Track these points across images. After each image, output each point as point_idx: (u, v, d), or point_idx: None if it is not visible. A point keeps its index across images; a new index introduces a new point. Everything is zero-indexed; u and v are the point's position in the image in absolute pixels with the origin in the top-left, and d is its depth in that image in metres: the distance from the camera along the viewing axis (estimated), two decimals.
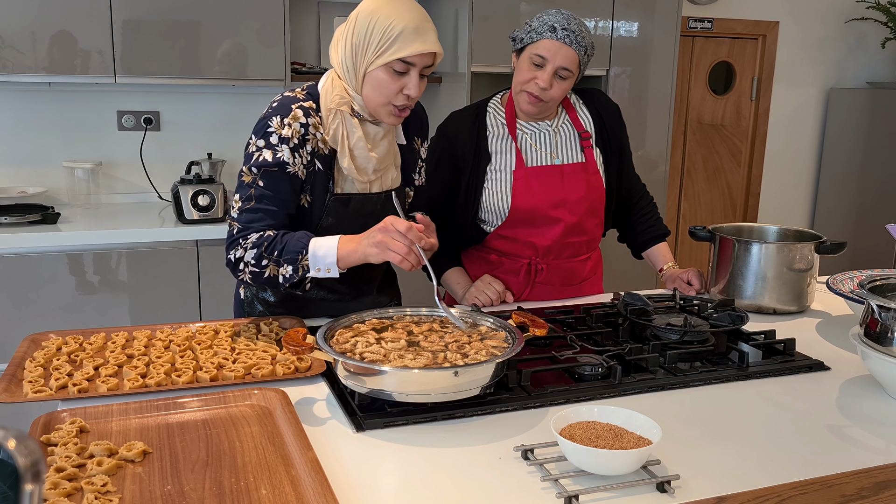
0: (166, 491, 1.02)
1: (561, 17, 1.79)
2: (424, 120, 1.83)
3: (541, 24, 1.80)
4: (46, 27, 2.85)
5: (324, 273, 1.52)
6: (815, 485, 1.06)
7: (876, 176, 4.60)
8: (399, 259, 1.44)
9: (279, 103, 1.59)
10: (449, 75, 3.57)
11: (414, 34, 1.50)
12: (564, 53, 1.78)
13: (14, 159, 3.25)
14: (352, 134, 1.59)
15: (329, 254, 1.51)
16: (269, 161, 1.56)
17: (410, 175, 1.80)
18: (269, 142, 1.56)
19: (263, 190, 1.56)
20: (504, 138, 1.92)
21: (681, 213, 4.76)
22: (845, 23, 4.80)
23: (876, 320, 1.37)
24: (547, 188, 1.89)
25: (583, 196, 1.92)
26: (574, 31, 1.78)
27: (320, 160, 1.60)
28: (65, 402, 1.28)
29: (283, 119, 1.56)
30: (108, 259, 2.83)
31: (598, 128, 1.98)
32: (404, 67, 1.53)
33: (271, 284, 1.56)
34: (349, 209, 1.64)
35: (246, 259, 1.55)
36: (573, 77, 1.83)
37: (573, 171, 1.91)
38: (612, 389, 1.37)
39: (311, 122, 1.58)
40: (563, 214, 1.90)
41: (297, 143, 1.56)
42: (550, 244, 1.92)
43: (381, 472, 1.10)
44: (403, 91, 1.54)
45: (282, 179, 1.57)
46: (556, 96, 1.83)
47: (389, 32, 1.50)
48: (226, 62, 3.11)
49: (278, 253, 1.52)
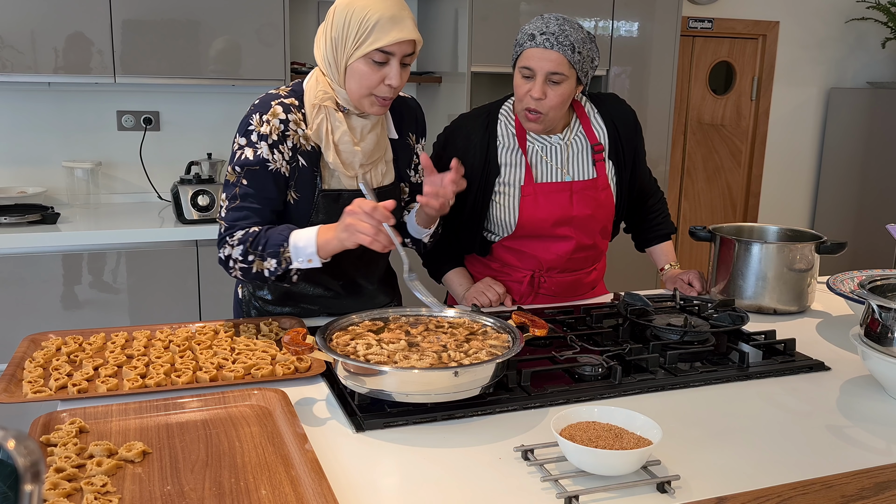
0: (166, 491, 1.01)
1: (540, 22, 1.75)
2: (420, 116, 1.82)
3: (522, 36, 1.77)
4: (46, 27, 2.85)
5: (306, 264, 1.53)
6: (816, 485, 1.06)
7: (876, 176, 4.60)
8: (368, 240, 1.44)
9: (260, 101, 1.60)
10: (449, 75, 3.56)
11: (390, 23, 1.50)
12: (548, 58, 1.72)
13: (14, 159, 3.25)
14: (336, 128, 1.59)
15: (309, 244, 1.51)
16: (251, 159, 1.57)
17: (404, 171, 1.78)
18: (249, 140, 1.57)
19: (247, 188, 1.58)
20: (514, 150, 1.87)
21: (681, 213, 4.76)
22: (845, 23, 4.80)
23: (876, 320, 1.37)
24: (555, 205, 1.85)
25: (591, 214, 1.88)
26: (554, 32, 1.72)
27: (303, 156, 1.60)
28: (64, 402, 1.28)
29: (263, 116, 1.57)
30: (107, 259, 2.83)
31: (612, 139, 1.92)
32: (384, 57, 1.53)
33: (260, 279, 1.58)
34: (339, 205, 1.64)
35: (234, 256, 1.56)
36: (568, 80, 1.75)
37: (583, 189, 1.87)
38: (613, 390, 1.37)
39: (292, 119, 1.58)
40: (570, 232, 1.87)
41: (277, 139, 1.57)
42: (556, 259, 1.90)
43: (381, 473, 1.10)
44: (385, 81, 1.54)
45: (264, 177, 1.57)
46: (555, 104, 1.76)
47: (366, 23, 1.50)
48: (225, 62, 3.11)
49: (262, 247, 1.54)
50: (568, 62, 1.73)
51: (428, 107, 3.57)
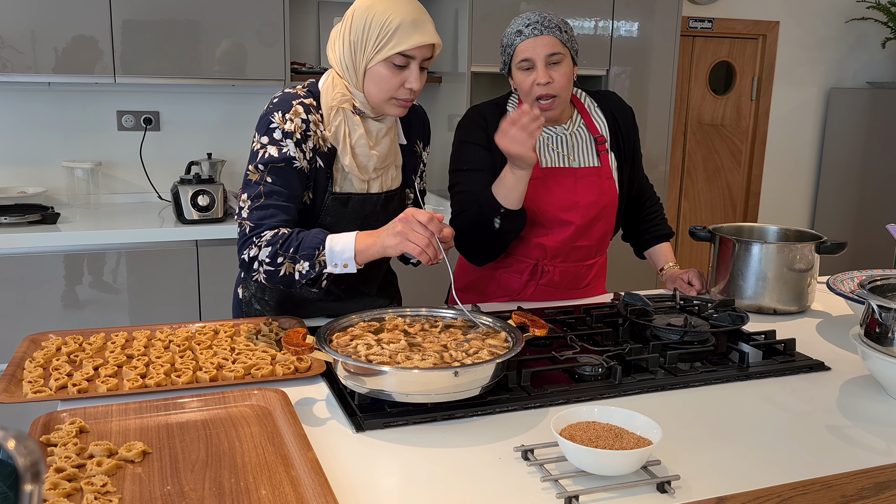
0: (166, 491, 1.01)
1: (521, 18, 1.82)
2: (427, 123, 1.82)
3: (509, 37, 1.83)
4: (46, 27, 2.85)
5: (340, 269, 1.49)
6: (816, 485, 1.06)
7: (876, 176, 4.60)
8: (419, 251, 1.41)
9: (280, 99, 1.59)
10: (449, 75, 3.57)
11: (412, 27, 1.50)
12: (542, 43, 1.78)
13: (14, 159, 3.25)
14: (353, 131, 1.59)
15: (346, 248, 1.48)
16: (276, 157, 1.54)
17: (410, 177, 1.78)
18: (272, 137, 1.55)
19: (273, 186, 1.54)
20: None
21: (681, 213, 4.76)
22: (845, 23, 4.80)
23: (876, 320, 1.37)
24: (560, 190, 1.89)
25: (595, 200, 1.91)
26: (538, 21, 1.79)
27: (321, 157, 1.60)
28: (64, 402, 1.28)
29: (285, 114, 1.55)
30: (107, 259, 2.83)
31: (612, 131, 1.98)
32: (404, 61, 1.53)
33: (287, 283, 1.53)
34: (348, 209, 1.64)
35: (260, 258, 1.51)
36: (566, 59, 1.81)
37: (587, 175, 1.91)
38: (613, 390, 1.37)
39: (312, 119, 1.57)
40: (574, 217, 1.90)
41: (300, 137, 1.56)
42: (559, 246, 1.92)
43: (381, 473, 1.10)
44: (405, 85, 1.54)
45: (290, 174, 1.56)
46: (563, 84, 1.82)
47: (387, 27, 1.50)
48: (225, 62, 3.11)
49: (294, 250, 1.50)
50: (560, 41, 1.80)
51: (428, 107, 3.57)
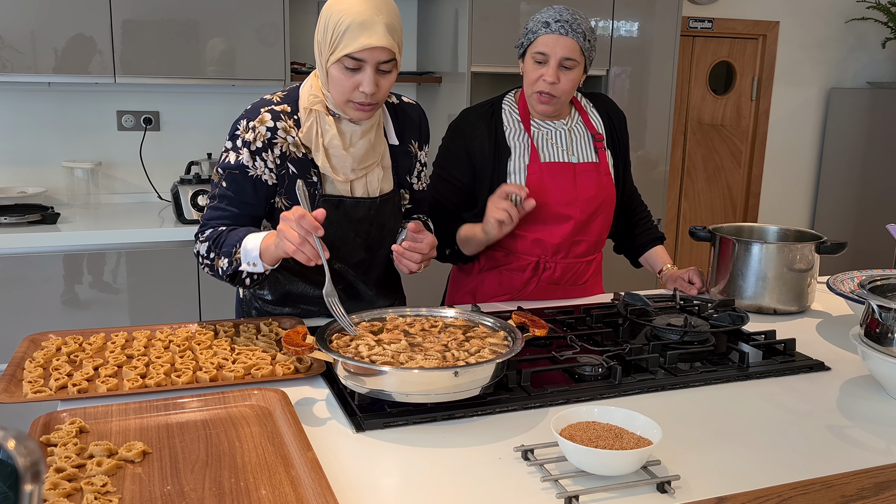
0: (166, 491, 1.01)
1: (553, 11, 1.82)
2: (424, 123, 1.79)
3: (535, 24, 1.84)
4: (46, 27, 2.85)
5: (251, 267, 1.49)
6: (816, 485, 1.06)
7: (876, 176, 4.60)
8: (293, 249, 1.37)
9: (252, 106, 1.60)
10: (449, 75, 3.56)
11: (359, 29, 1.45)
12: (563, 44, 1.79)
13: (14, 159, 3.25)
14: (325, 132, 1.58)
15: (255, 247, 1.47)
16: (232, 163, 1.58)
17: (405, 177, 1.76)
18: (234, 144, 1.58)
19: (225, 190, 1.59)
20: (520, 134, 1.93)
21: (681, 213, 4.76)
22: (845, 23, 4.80)
23: (876, 320, 1.37)
24: (559, 184, 1.90)
25: (594, 195, 1.92)
26: (568, 20, 1.80)
27: (293, 164, 1.59)
28: (64, 402, 1.28)
29: (250, 122, 1.57)
30: (107, 259, 2.83)
31: (608, 130, 2.00)
32: (355, 64, 1.48)
33: (219, 278, 1.58)
34: (340, 211, 1.63)
35: (201, 252, 1.58)
36: (579, 66, 1.83)
37: (586, 170, 1.93)
38: (612, 390, 1.37)
39: (280, 126, 1.57)
40: (574, 212, 1.91)
41: (261, 146, 1.56)
42: (559, 242, 1.92)
43: (381, 473, 1.10)
44: (359, 88, 1.50)
45: (243, 181, 1.58)
46: (566, 89, 1.84)
47: (338, 28, 1.47)
48: (225, 62, 3.11)
49: (219, 246, 1.55)
50: (580, 49, 1.82)
51: (428, 107, 3.57)
